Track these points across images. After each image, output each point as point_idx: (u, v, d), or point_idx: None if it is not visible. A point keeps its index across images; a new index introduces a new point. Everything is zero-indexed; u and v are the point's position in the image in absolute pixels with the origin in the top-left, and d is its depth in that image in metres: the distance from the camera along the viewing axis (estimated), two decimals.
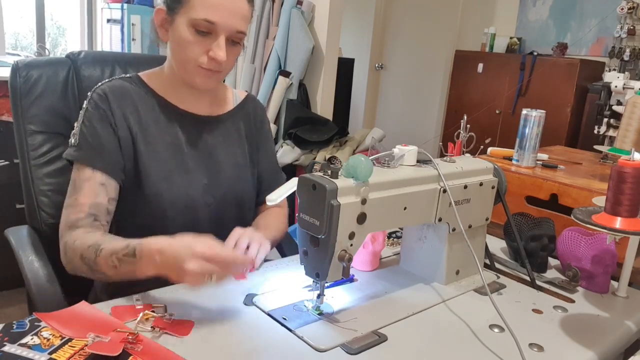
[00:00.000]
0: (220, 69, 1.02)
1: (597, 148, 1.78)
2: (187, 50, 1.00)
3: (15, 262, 1.07)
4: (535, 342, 0.85)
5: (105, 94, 1.03)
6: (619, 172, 0.86)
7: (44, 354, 0.70)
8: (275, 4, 2.76)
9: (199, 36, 0.98)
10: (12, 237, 1.15)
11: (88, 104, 1.03)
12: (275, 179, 1.23)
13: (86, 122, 1.01)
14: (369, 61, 4.73)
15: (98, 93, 1.04)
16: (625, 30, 3.41)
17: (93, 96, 1.04)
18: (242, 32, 1.01)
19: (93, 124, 1.01)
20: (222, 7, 0.97)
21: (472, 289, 1.03)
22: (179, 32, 0.99)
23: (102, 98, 1.03)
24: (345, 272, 0.84)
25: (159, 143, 1.05)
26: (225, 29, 0.98)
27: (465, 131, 1.05)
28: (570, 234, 1.12)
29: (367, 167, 0.82)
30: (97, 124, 1.01)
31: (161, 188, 1.02)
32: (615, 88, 1.82)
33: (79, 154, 1.00)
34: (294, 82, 2.74)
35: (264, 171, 1.22)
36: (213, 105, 1.14)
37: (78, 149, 1.00)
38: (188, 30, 0.98)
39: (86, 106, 1.03)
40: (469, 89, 4.04)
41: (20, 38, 3.24)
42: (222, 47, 0.99)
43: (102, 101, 1.02)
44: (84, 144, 1.00)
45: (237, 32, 1.00)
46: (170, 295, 0.91)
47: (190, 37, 0.98)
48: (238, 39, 1.02)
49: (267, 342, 0.80)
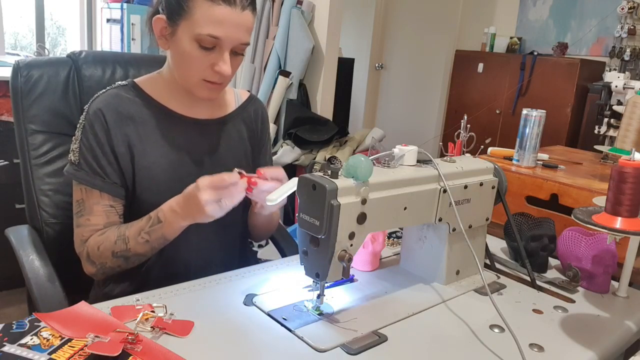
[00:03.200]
0: (224, 81, 1.02)
1: (597, 148, 1.78)
2: (191, 65, 0.98)
3: (15, 262, 1.07)
4: (536, 342, 0.85)
5: (101, 111, 1.01)
6: (619, 172, 0.86)
7: (43, 354, 0.70)
8: (275, 3, 2.76)
9: (202, 51, 0.96)
10: (12, 237, 1.15)
11: (85, 120, 1.02)
12: None
13: (85, 142, 1.01)
14: (369, 61, 4.73)
15: (94, 110, 1.02)
16: (626, 30, 3.41)
17: (88, 113, 1.02)
18: (246, 44, 1.00)
19: (92, 144, 1.01)
20: (227, 22, 0.94)
21: (473, 289, 1.03)
22: (182, 45, 0.97)
23: (98, 116, 1.01)
24: (345, 272, 0.84)
25: (159, 152, 1.04)
26: (230, 44, 0.97)
27: (466, 131, 1.05)
28: (570, 234, 1.12)
29: (367, 167, 0.81)
30: (95, 146, 1.01)
31: (163, 197, 1.01)
32: (615, 88, 1.81)
33: (83, 175, 1.00)
34: (294, 82, 2.74)
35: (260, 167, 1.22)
36: (213, 109, 1.13)
37: (79, 169, 1.01)
38: (191, 45, 0.96)
39: (83, 123, 1.02)
40: (469, 89, 4.04)
41: (19, 38, 3.23)
42: (227, 62, 0.98)
43: (98, 119, 1.01)
44: (85, 165, 1.01)
45: (241, 44, 0.99)
46: (170, 295, 0.91)
47: (194, 52, 0.96)
48: (241, 50, 1.01)
49: (267, 342, 0.80)
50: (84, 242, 1.01)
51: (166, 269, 1.06)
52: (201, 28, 0.94)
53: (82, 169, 1.01)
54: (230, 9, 0.94)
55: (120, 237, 0.98)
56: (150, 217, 0.98)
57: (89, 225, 1.01)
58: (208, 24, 0.94)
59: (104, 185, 1.01)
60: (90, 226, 1.01)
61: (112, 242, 0.98)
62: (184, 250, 1.06)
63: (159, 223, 0.97)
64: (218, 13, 0.93)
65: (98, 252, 0.99)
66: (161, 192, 1.02)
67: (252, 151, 1.18)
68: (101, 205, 1.01)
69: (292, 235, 1.39)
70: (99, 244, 0.99)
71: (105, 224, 1.01)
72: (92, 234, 1.01)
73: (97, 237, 1.00)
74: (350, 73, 3.68)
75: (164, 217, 0.96)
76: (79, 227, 1.02)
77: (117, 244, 0.98)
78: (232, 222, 1.08)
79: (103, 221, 1.01)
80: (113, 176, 1.01)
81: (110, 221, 1.02)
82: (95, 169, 1.00)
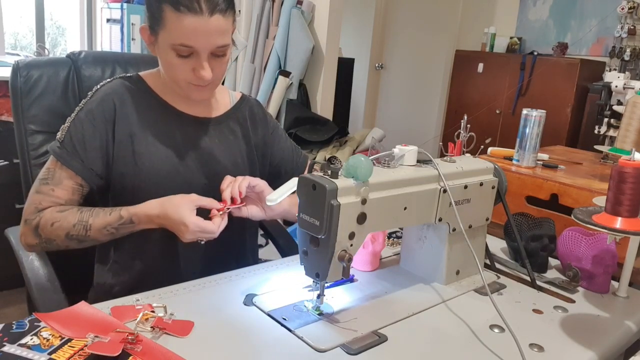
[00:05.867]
0: (209, 83, 1.02)
1: (597, 148, 1.78)
2: (174, 71, 1.01)
3: (15, 262, 1.07)
4: (536, 342, 0.85)
5: (106, 99, 1.03)
6: (619, 172, 0.86)
7: (43, 354, 0.70)
8: (275, 3, 2.76)
9: (181, 58, 0.98)
10: (12, 237, 1.15)
11: (85, 104, 1.04)
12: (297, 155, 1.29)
13: (76, 122, 1.02)
14: (369, 61, 4.73)
15: (100, 97, 1.04)
16: (626, 30, 3.41)
17: (92, 98, 1.04)
18: (224, 46, 1.00)
19: (83, 126, 1.01)
20: (196, 31, 0.95)
21: (473, 289, 1.03)
22: (163, 53, 1.00)
23: (101, 102, 1.03)
24: (345, 272, 0.84)
25: (158, 143, 1.05)
26: (205, 50, 0.97)
27: (466, 131, 1.05)
28: (570, 234, 1.12)
29: (367, 167, 0.81)
30: (87, 128, 1.01)
31: (161, 188, 1.02)
32: (615, 88, 1.81)
33: (63, 154, 1.01)
34: (294, 82, 2.74)
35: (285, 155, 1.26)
36: (210, 107, 1.14)
37: (62, 148, 1.01)
38: (170, 54, 0.98)
39: (82, 106, 1.04)
40: (469, 89, 4.04)
41: (19, 38, 3.23)
42: (205, 67, 0.99)
43: (100, 106, 1.03)
44: (69, 145, 1.01)
45: (219, 48, 0.99)
46: (170, 295, 0.91)
47: (173, 60, 0.99)
48: (221, 52, 1.01)
49: (267, 342, 0.80)
50: (38, 211, 1.00)
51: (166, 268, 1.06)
52: (174, 39, 0.96)
53: (64, 148, 1.01)
54: (197, 17, 0.94)
55: (80, 223, 0.97)
56: (122, 216, 0.97)
57: (52, 196, 1.00)
58: (179, 35, 0.95)
59: (80, 169, 1.01)
60: (52, 197, 1.00)
61: (70, 225, 0.97)
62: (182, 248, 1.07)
63: (130, 224, 0.97)
64: (186, 23, 0.94)
65: (50, 229, 0.98)
66: (160, 181, 1.03)
67: (248, 149, 1.18)
68: (72, 182, 1.01)
69: (292, 235, 1.39)
70: (54, 220, 0.98)
71: (67, 200, 1.01)
72: (51, 206, 1.00)
73: (54, 214, 0.98)
74: (350, 73, 3.68)
75: (138, 220, 0.97)
76: (39, 194, 1.00)
77: (75, 227, 0.97)
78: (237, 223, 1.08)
79: (66, 197, 1.01)
80: (95, 163, 1.01)
81: (72, 198, 1.01)
82: (78, 151, 1.00)
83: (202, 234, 0.94)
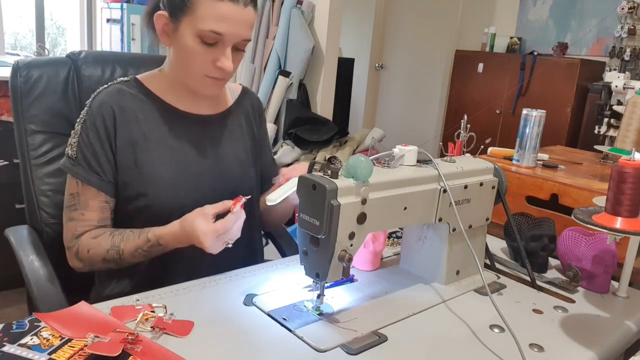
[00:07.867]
0: (226, 76, 1.02)
1: (597, 148, 1.78)
2: (193, 61, 0.99)
3: (15, 262, 1.07)
4: (536, 342, 0.85)
5: (104, 107, 1.02)
6: (619, 172, 0.86)
7: (43, 354, 0.70)
8: (275, 3, 2.76)
9: (205, 46, 0.97)
10: (12, 237, 1.15)
11: (86, 115, 1.02)
12: (273, 170, 1.27)
13: (84, 137, 1.01)
14: (369, 61, 4.73)
15: (96, 105, 1.02)
16: (626, 30, 3.41)
17: (91, 108, 1.03)
18: (248, 40, 1.01)
19: (91, 140, 1.01)
20: (230, 19, 0.95)
21: (473, 289, 1.03)
22: (184, 41, 0.98)
23: (100, 111, 1.02)
24: (345, 272, 0.84)
25: (162, 148, 1.04)
26: (232, 40, 0.98)
27: (466, 131, 1.05)
28: (570, 234, 1.12)
29: (367, 167, 0.81)
30: (94, 142, 1.01)
31: (167, 193, 1.02)
32: (615, 88, 1.81)
33: (80, 171, 1.00)
34: (294, 82, 2.74)
35: (267, 163, 1.25)
36: (213, 104, 1.13)
37: (77, 164, 1.01)
38: (194, 41, 0.97)
39: (84, 117, 1.03)
40: (469, 89, 4.04)
41: (19, 38, 3.23)
42: (229, 57, 0.99)
43: (100, 115, 1.01)
44: (82, 161, 1.01)
45: (243, 40, 1.00)
46: (170, 295, 0.91)
47: (196, 48, 0.97)
48: (243, 46, 1.02)
49: (267, 342, 0.80)
50: (76, 238, 1.01)
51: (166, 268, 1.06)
52: (204, 24, 0.95)
53: (79, 164, 1.01)
54: (234, 5, 0.95)
55: (113, 248, 0.99)
56: (149, 239, 0.97)
57: (84, 220, 1.01)
58: (211, 20, 0.95)
59: (100, 183, 1.01)
60: (84, 221, 1.01)
61: (104, 250, 0.99)
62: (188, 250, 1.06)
63: (159, 246, 0.98)
64: (222, 9, 0.94)
65: (87, 255, 1.00)
66: (165, 188, 1.02)
67: (252, 144, 1.18)
68: (97, 201, 1.01)
69: (292, 235, 1.39)
70: (90, 247, 1.00)
71: (99, 219, 1.02)
72: (86, 230, 1.01)
73: (89, 240, 1.00)
74: (350, 73, 3.68)
75: (165, 242, 0.98)
76: (72, 222, 1.02)
77: (109, 252, 0.99)
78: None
79: (97, 217, 1.01)
80: (109, 174, 1.02)
81: (103, 216, 1.02)
82: (93, 166, 1.00)
83: (222, 237, 0.93)
